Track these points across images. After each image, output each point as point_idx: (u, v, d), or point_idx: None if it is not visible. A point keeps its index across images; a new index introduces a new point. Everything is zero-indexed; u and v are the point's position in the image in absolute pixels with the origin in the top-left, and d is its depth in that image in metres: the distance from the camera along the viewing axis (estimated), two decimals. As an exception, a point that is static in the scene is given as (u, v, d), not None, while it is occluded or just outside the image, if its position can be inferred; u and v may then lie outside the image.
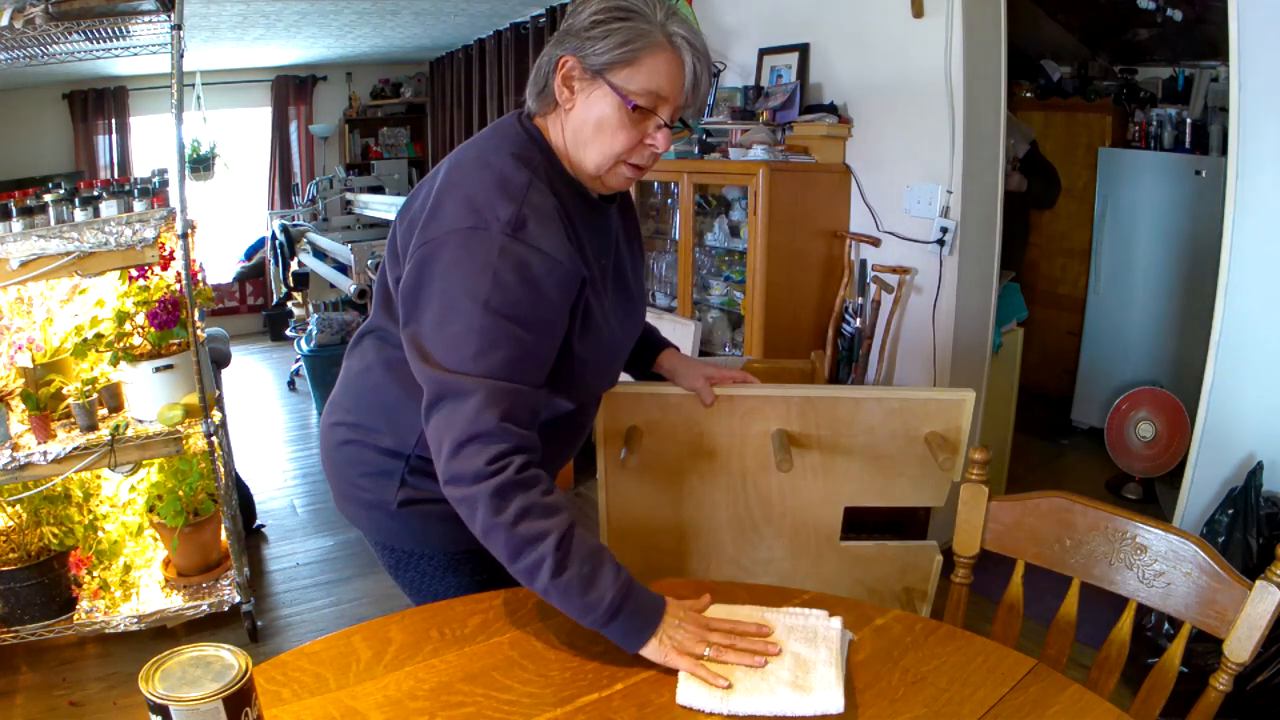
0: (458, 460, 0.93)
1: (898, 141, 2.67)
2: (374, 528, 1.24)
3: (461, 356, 0.94)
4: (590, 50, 0.99)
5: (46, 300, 2.41)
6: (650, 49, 0.99)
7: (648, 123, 1.03)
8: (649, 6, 1.00)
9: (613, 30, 0.98)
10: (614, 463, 1.48)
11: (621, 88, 0.99)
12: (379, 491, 1.18)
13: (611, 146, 1.03)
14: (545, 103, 1.06)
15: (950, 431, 1.41)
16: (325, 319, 4.61)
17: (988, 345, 2.75)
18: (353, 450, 1.20)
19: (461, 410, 0.93)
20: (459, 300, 0.95)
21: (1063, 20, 3.90)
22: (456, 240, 0.97)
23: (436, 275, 0.97)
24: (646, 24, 0.99)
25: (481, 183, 0.99)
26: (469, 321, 0.94)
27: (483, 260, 0.95)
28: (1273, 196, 1.84)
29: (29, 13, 1.96)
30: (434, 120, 6.78)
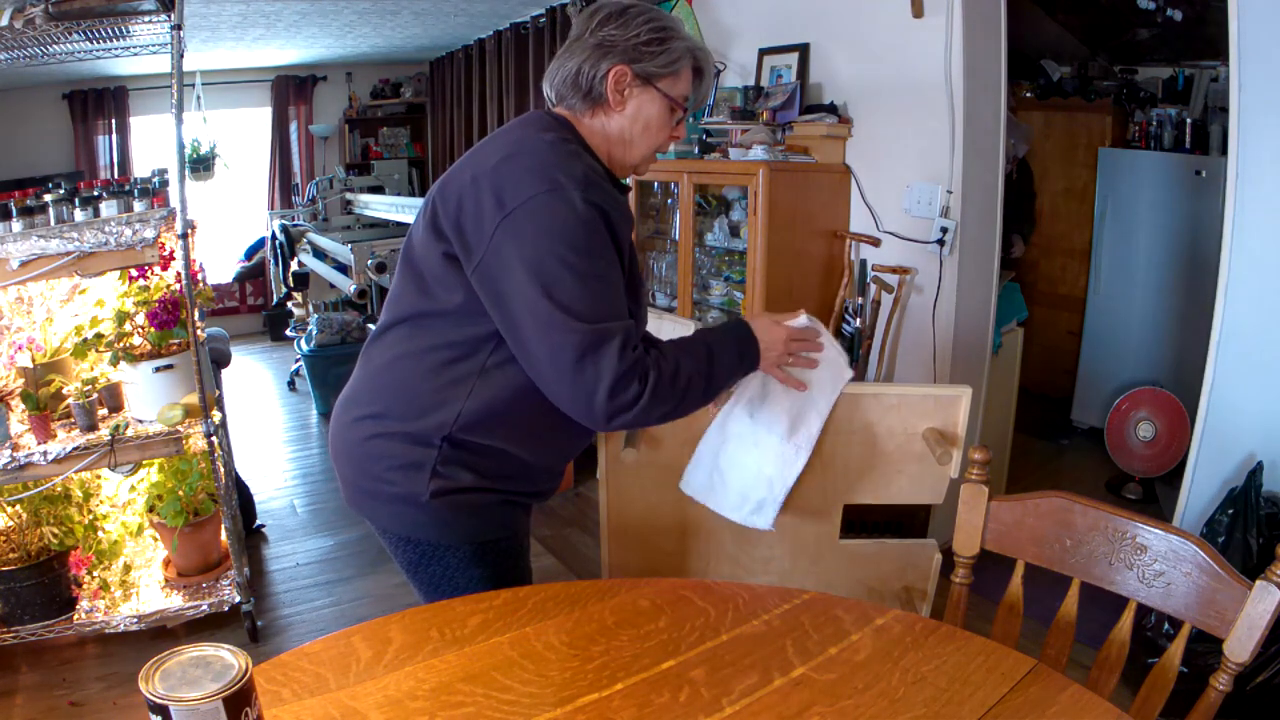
0: (615, 399, 1.05)
1: (898, 141, 2.67)
2: (401, 522, 1.24)
3: (593, 301, 1.05)
4: (644, 63, 1.17)
5: (46, 300, 2.41)
6: (684, 61, 1.19)
7: (675, 120, 1.23)
8: (679, 27, 1.20)
9: (663, 49, 1.17)
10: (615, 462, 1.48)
11: (666, 93, 1.19)
12: (409, 484, 1.19)
13: (655, 141, 1.23)
14: (590, 104, 1.20)
15: (948, 428, 1.41)
16: (325, 319, 4.61)
17: (988, 345, 2.75)
18: (381, 444, 1.21)
19: (608, 356, 1.04)
20: (566, 256, 1.05)
21: (1063, 20, 3.90)
22: (540, 203, 1.06)
23: (531, 239, 1.06)
24: (684, 43, 1.19)
25: (540, 153, 1.11)
26: (582, 272, 1.05)
27: (571, 216, 1.06)
28: (1273, 196, 1.84)
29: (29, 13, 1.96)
30: (434, 120, 6.78)
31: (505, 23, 5.06)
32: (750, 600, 1.16)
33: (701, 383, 1.15)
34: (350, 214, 5.33)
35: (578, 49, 1.19)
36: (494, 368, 1.15)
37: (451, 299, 1.15)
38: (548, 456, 1.27)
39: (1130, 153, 3.64)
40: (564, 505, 3.33)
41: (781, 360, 1.29)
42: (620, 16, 1.18)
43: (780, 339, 1.27)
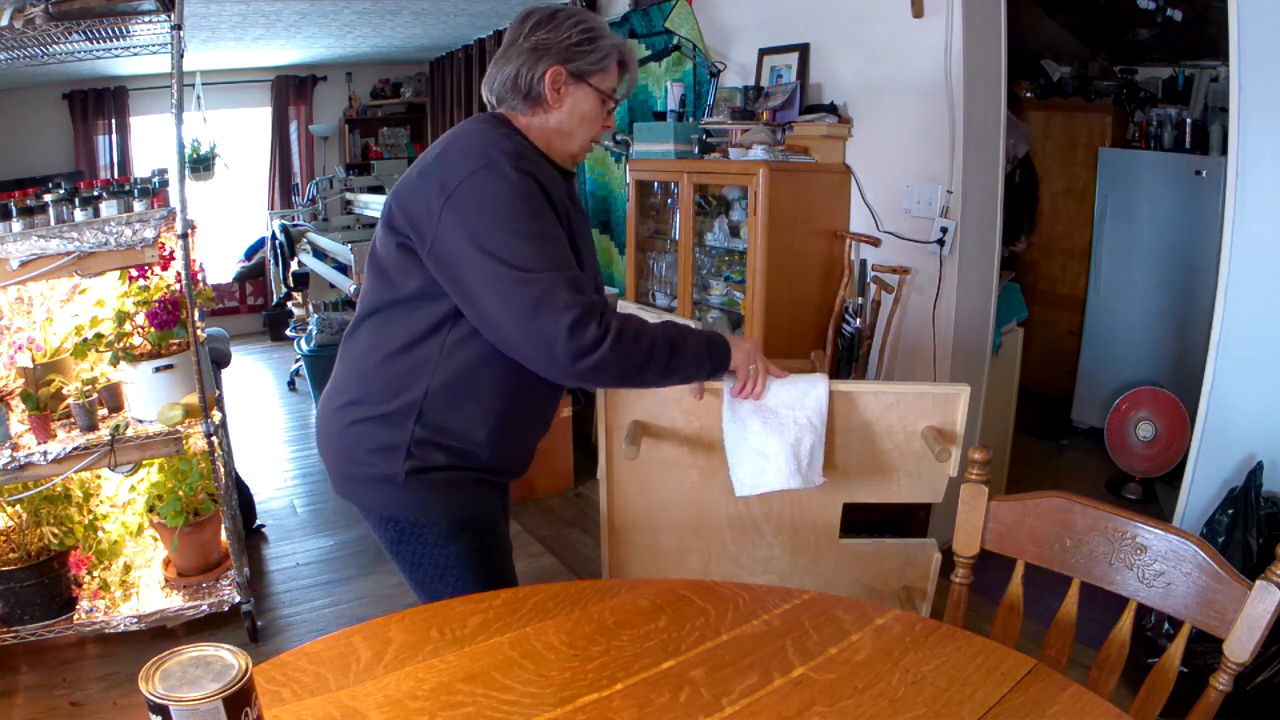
0: (574, 339, 1.12)
1: (898, 141, 2.67)
2: (380, 502, 1.31)
3: (534, 253, 1.13)
4: (577, 62, 1.27)
5: (46, 300, 2.41)
6: (611, 58, 1.30)
7: (606, 112, 1.34)
8: (604, 27, 1.31)
9: (593, 47, 1.27)
10: (615, 461, 1.48)
11: (598, 87, 1.30)
12: (387, 465, 1.26)
13: (591, 131, 1.33)
14: (530, 104, 1.29)
15: (947, 426, 1.41)
16: (325, 319, 4.61)
17: (988, 345, 2.75)
18: (362, 429, 1.28)
19: (558, 299, 1.12)
20: (505, 220, 1.14)
21: (1063, 20, 3.91)
22: (477, 179, 1.15)
23: (475, 210, 1.15)
24: (610, 41, 1.30)
25: (472, 137, 1.22)
26: (523, 232, 1.14)
27: (506, 185, 1.15)
28: (1273, 196, 1.84)
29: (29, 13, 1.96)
30: (434, 120, 6.78)
31: (505, 23, 5.06)
32: (750, 600, 1.16)
33: (665, 353, 1.21)
34: (350, 214, 5.33)
35: (513, 54, 1.28)
36: (454, 345, 1.23)
37: (409, 284, 1.23)
38: (514, 432, 1.33)
39: (1130, 153, 3.64)
40: (564, 505, 3.33)
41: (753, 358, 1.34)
42: (550, 21, 1.27)
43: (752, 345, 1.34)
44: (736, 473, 1.38)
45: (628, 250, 3.43)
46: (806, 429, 1.36)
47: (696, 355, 1.26)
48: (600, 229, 4.42)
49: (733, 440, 1.39)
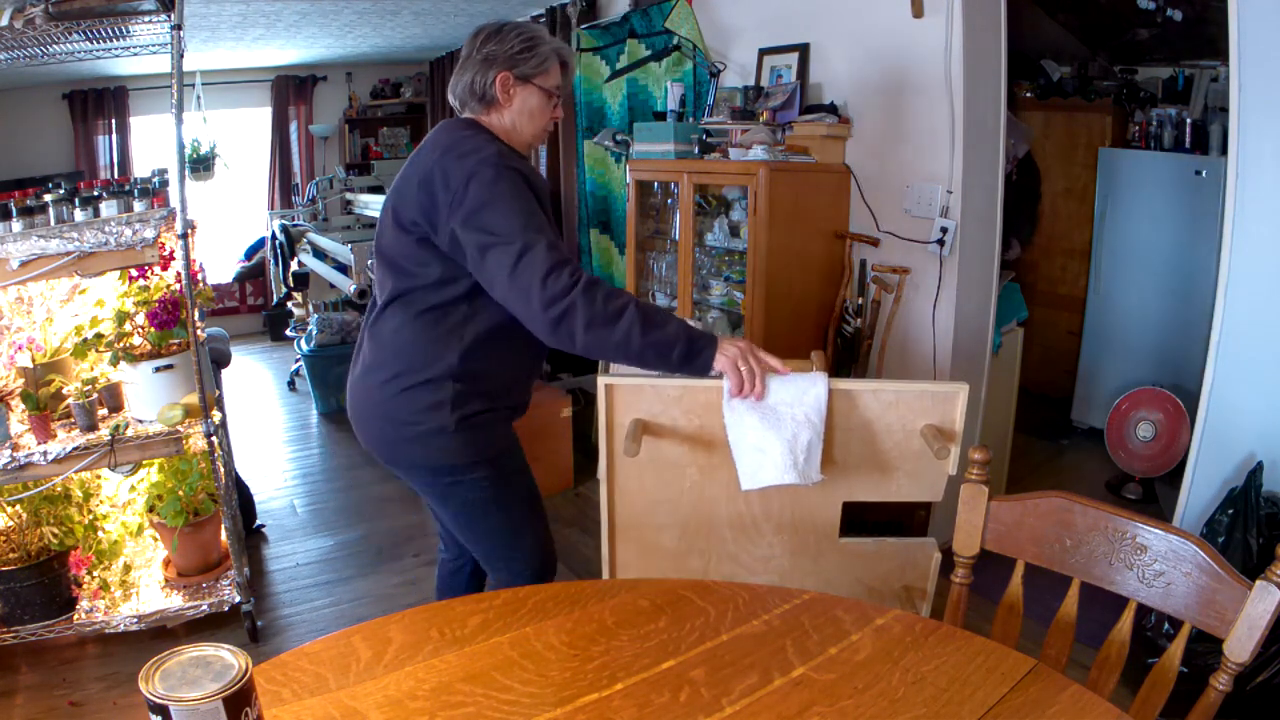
0: (548, 287, 1.33)
1: (897, 141, 2.67)
2: (437, 453, 1.52)
3: (521, 226, 1.36)
4: (520, 67, 1.51)
5: (46, 300, 2.41)
6: (550, 60, 1.54)
7: (553, 106, 1.58)
8: (543, 33, 1.54)
9: (533, 54, 1.52)
10: (615, 461, 1.48)
11: (542, 86, 1.54)
12: (437, 419, 1.49)
13: (541, 123, 1.57)
14: (486, 105, 1.54)
15: (946, 424, 1.41)
16: (325, 319, 4.61)
17: (988, 345, 2.75)
18: (407, 395, 1.50)
19: (537, 257, 1.34)
20: (500, 200, 1.38)
21: (1063, 20, 3.91)
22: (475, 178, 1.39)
23: (474, 203, 1.38)
24: (549, 45, 1.54)
25: (465, 144, 1.44)
26: (513, 208, 1.38)
27: (497, 175, 1.39)
28: (1273, 196, 1.84)
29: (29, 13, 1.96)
30: (434, 120, 6.77)
31: (505, 23, 5.06)
32: (750, 600, 1.16)
33: (634, 321, 1.33)
34: (350, 214, 5.33)
35: (469, 66, 1.53)
36: (474, 314, 1.48)
37: (430, 273, 1.47)
38: (523, 370, 1.61)
39: (1130, 153, 3.64)
40: (564, 505, 3.33)
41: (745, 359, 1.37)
42: (497, 35, 1.52)
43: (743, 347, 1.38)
44: (741, 468, 1.39)
45: (628, 250, 3.43)
46: (804, 425, 1.37)
47: (668, 339, 1.34)
48: (600, 229, 4.42)
49: (734, 436, 1.39)
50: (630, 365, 1.41)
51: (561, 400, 3.39)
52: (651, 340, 1.33)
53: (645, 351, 1.34)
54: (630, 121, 3.88)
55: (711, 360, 1.37)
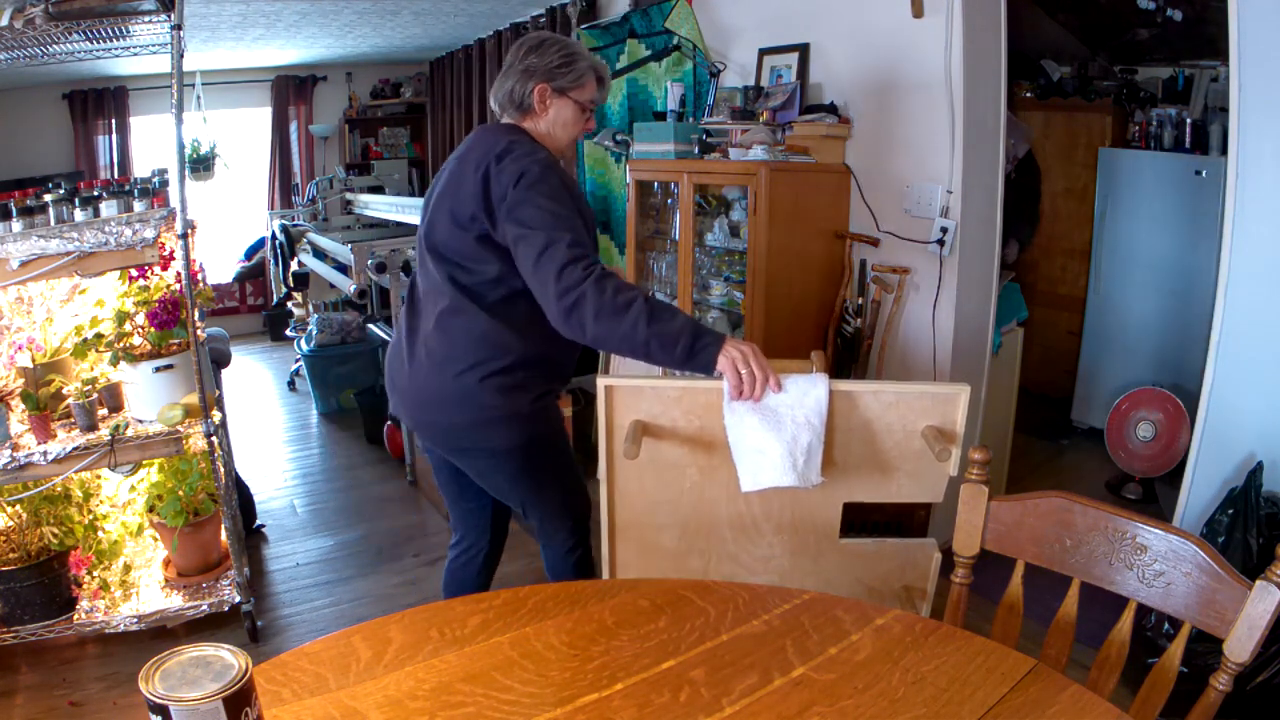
0: (563, 278, 1.41)
1: (898, 141, 2.67)
2: (516, 433, 1.66)
3: (550, 223, 1.47)
4: (557, 81, 1.64)
5: (46, 300, 2.41)
6: (587, 75, 1.67)
7: (587, 118, 1.71)
8: (581, 50, 1.68)
9: (570, 69, 1.64)
10: (615, 461, 1.48)
11: (576, 99, 1.67)
12: (515, 403, 1.63)
13: (573, 131, 1.70)
14: (523, 113, 1.68)
15: (946, 426, 1.41)
16: (325, 319, 4.61)
17: (988, 345, 2.75)
18: (489, 382, 1.61)
19: (558, 250, 1.43)
20: (539, 198, 1.49)
21: (1063, 20, 3.91)
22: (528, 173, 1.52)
23: (523, 202, 1.49)
24: (586, 62, 1.67)
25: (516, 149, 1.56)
26: (547, 206, 1.49)
27: (541, 176, 1.52)
28: (1273, 196, 1.84)
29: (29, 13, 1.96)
30: (434, 120, 6.77)
31: (505, 23, 5.06)
32: (750, 600, 1.16)
33: (641, 315, 1.38)
34: (350, 214, 5.33)
35: (510, 74, 1.65)
36: (534, 306, 1.52)
37: (490, 270, 1.58)
38: (568, 353, 1.74)
39: (1130, 153, 3.64)
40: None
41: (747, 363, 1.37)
42: (538, 48, 1.64)
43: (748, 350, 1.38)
44: (741, 468, 1.39)
45: (628, 250, 3.43)
46: (804, 427, 1.37)
47: (672, 337, 1.38)
48: (600, 229, 4.42)
49: (734, 437, 1.40)
50: (638, 359, 1.44)
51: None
52: (655, 333, 1.37)
53: (650, 344, 1.38)
54: (630, 121, 3.88)
55: (713, 359, 1.38)
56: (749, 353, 1.38)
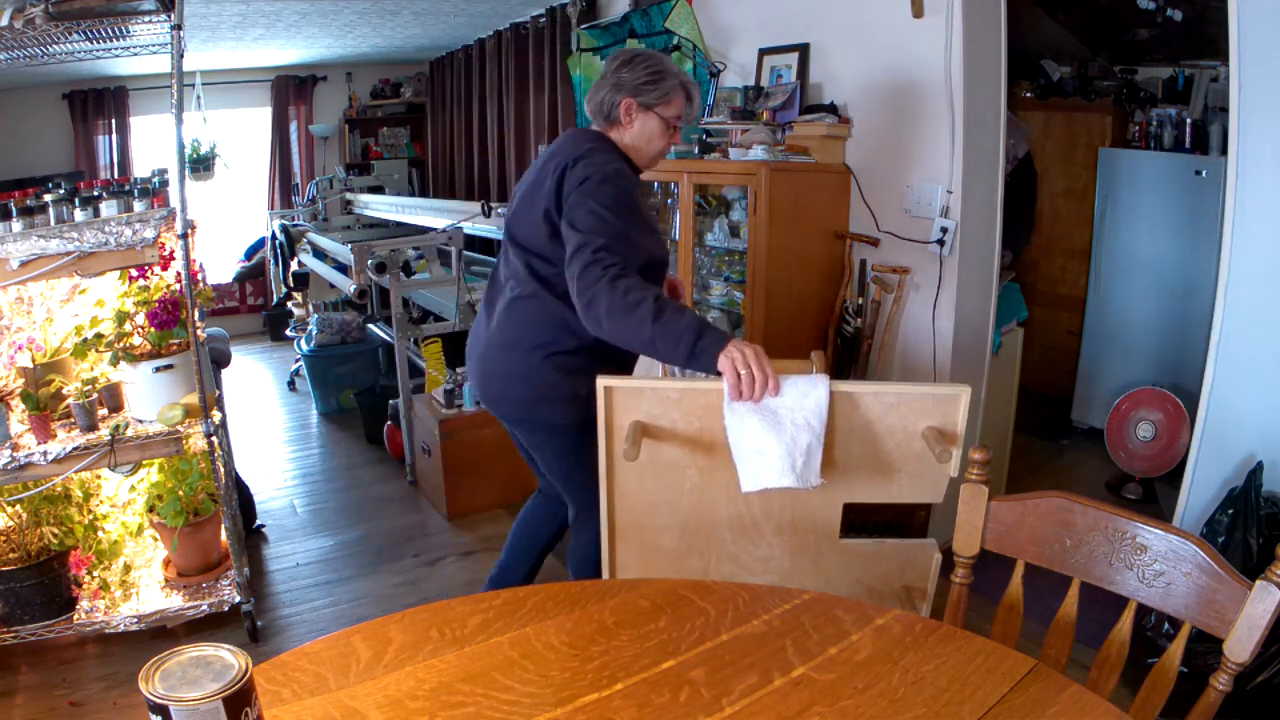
0: (584, 277, 1.51)
1: (898, 141, 2.67)
2: (574, 411, 1.75)
3: (595, 228, 1.57)
4: (643, 96, 1.75)
5: (46, 300, 2.41)
6: (674, 93, 1.76)
7: (673, 134, 1.81)
8: (671, 67, 1.76)
9: (656, 86, 1.74)
10: (615, 461, 1.48)
11: (661, 115, 1.77)
12: (575, 385, 1.74)
13: (659, 146, 1.81)
14: (611, 123, 1.79)
15: (947, 427, 1.41)
16: (325, 319, 4.61)
17: (988, 345, 2.75)
18: (551, 361, 1.75)
19: (587, 252, 1.53)
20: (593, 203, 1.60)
21: (1063, 20, 3.90)
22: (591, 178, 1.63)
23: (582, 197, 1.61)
24: (674, 80, 1.76)
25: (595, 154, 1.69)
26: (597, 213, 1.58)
27: (601, 184, 1.62)
28: (1273, 196, 1.84)
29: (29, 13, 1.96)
30: (434, 120, 6.78)
31: (505, 23, 5.06)
32: (750, 600, 1.16)
33: (650, 316, 1.44)
34: (350, 214, 5.33)
35: (603, 85, 1.77)
36: None
37: (561, 262, 1.66)
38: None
39: (1130, 153, 3.64)
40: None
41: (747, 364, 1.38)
42: (630, 63, 1.75)
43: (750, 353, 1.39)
44: (741, 469, 1.39)
45: (628, 250, 3.42)
46: (803, 428, 1.37)
47: (676, 335, 1.43)
48: (600, 229, 4.41)
49: (734, 437, 1.40)
50: (649, 355, 1.55)
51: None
52: (660, 331, 1.43)
53: (655, 341, 1.45)
54: (630, 121, 3.88)
55: (714, 359, 1.40)
56: (750, 355, 1.39)
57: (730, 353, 1.39)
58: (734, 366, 1.38)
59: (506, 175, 5.41)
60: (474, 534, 3.10)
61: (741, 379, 1.38)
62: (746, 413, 1.38)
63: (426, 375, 3.50)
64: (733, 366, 1.38)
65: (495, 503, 3.30)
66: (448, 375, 3.42)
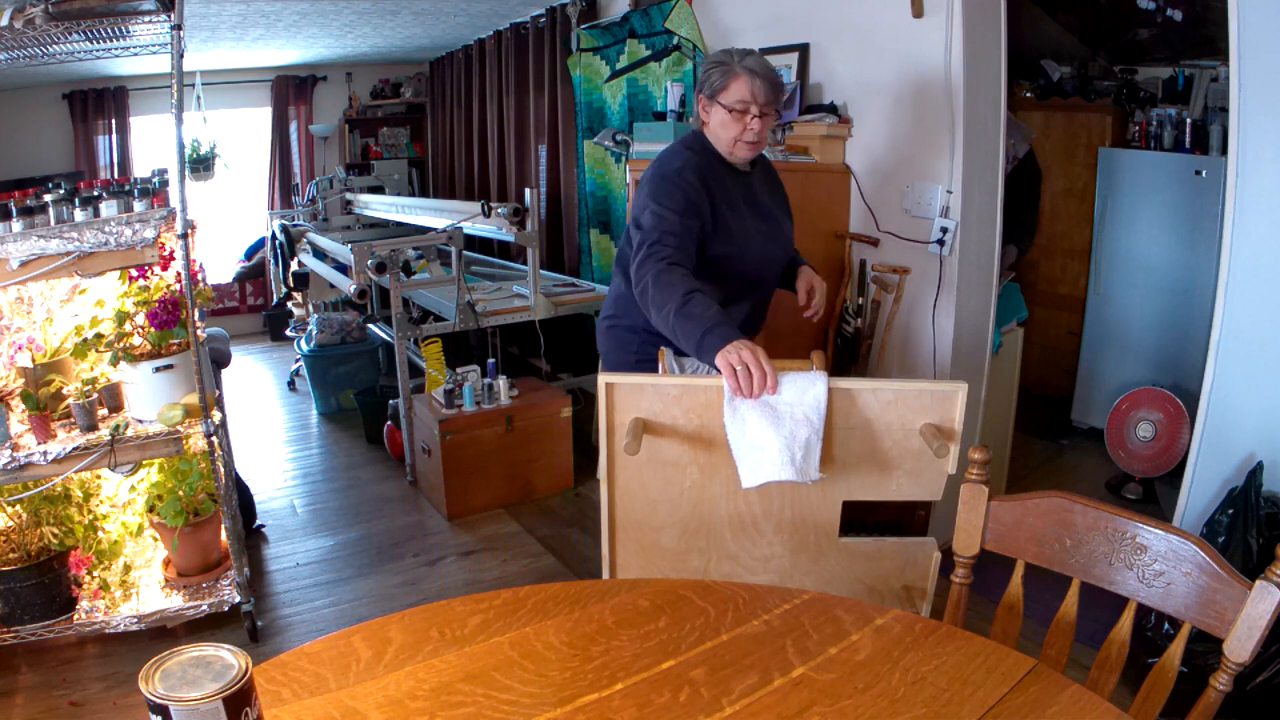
0: (640, 268, 1.67)
1: (898, 141, 2.67)
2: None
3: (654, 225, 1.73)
4: (706, 89, 1.86)
5: (46, 300, 2.41)
6: (730, 79, 1.82)
7: (745, 118, 1.83)
8: (730, 55, 1.84)
9: (712, 75, 1.85)
10: (615, 460, 1.48)
11: (722, 103, 1.83)
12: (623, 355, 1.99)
13: (728, 133, 1.85)
14: (699, 120, 1.91)
15: (945, 423, 1.41)
16: (325, 319, 4.61)
17: (988, 345, 2.75)
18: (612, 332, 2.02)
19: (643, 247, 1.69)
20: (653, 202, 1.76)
21: (1063, 20, 3.90)
22: (654, 177, 1.83)
23: (644, 196, 1.80)
24: (726, 67, 1.82)
25: (666, 154, 1.90)
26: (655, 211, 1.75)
27: (660, 183, 1.80)
28: (1273, 196, 1.84)
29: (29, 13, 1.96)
30: (434, 120, 6.78)
31: (505, 23, 5.06)
32: (750, 600, 1.16)
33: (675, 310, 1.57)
34: (350, 214, 5.33)
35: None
36: None
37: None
38: None
39: (1130, 153, 3.64)
40: (564, 505, 3.34)
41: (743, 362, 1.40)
42: (706, 63, 1.89)
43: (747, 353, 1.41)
44: (741, 465, 1.39)
45: (628, 250, 3.42)
46: (803, 423, 1.37)
47: (690, 327, 1.53)
48: (600, 229, 4.42)
49: (734, 434, 1.40)
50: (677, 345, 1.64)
51: (561, 400, 3.40)
52: (680, 324, 1.55)
53: (676, 331, 1.57)
54: (630, 121, 3.88)
55: (714, 356, 1.44)
56: (749, 356, 1.40)
57: (729, 351, 1.41)
58: (730, 366, 1.40)
59: (506, 175, 5.40)
60: (474, 534, 3.11)
61: (739, 375, 1.39)
62: (746, 409, 1.39)
63: (426, 375, 3.50)
64: (729, 365, 1.40)
65: (495, 503, 3.30)
66: (448, 375, 3.42)
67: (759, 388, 1.39)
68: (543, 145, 4.85)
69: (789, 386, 1.40)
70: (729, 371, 1.40)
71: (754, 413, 1.39)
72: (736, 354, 1.40)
